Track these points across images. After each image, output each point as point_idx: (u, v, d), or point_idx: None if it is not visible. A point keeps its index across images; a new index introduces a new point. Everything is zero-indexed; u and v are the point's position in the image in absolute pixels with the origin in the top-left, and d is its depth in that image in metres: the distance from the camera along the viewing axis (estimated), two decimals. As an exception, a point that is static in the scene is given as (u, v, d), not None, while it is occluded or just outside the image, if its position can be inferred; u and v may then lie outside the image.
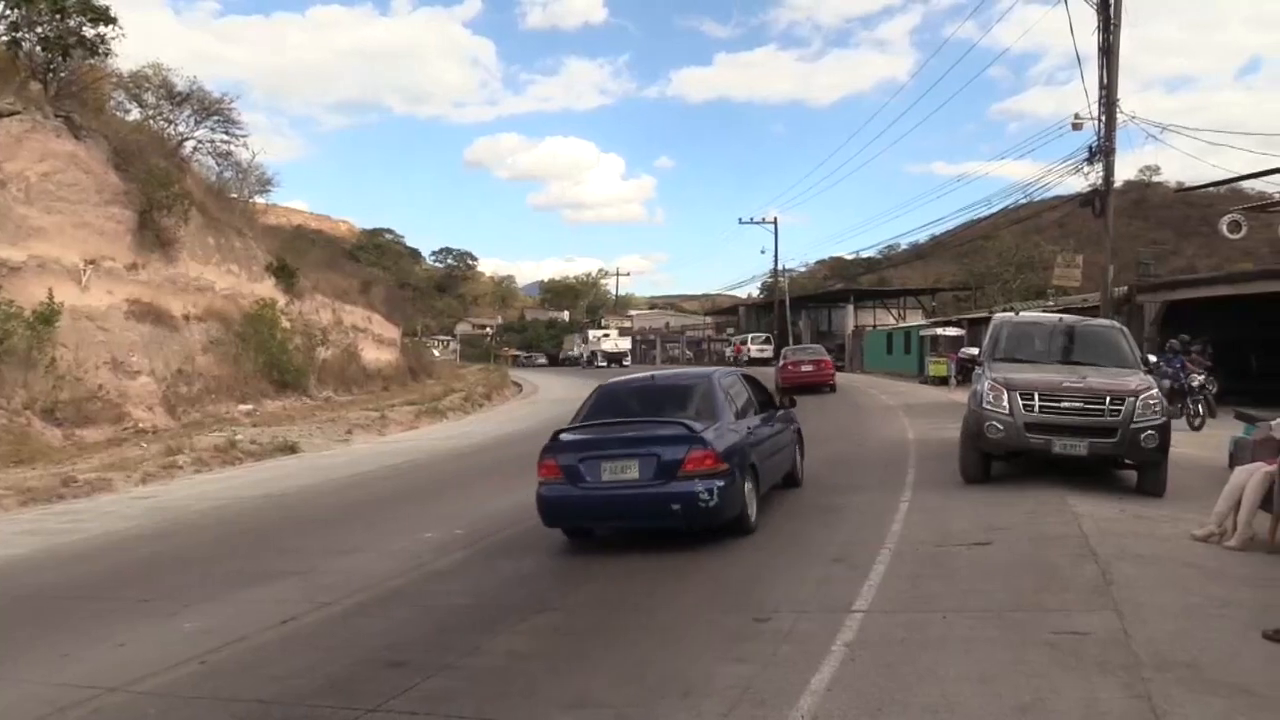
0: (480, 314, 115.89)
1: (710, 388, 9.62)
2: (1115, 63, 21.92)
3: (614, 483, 8.40)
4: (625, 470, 8.40)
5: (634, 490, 8.33)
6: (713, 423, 8.84)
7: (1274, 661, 5.09)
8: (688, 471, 8.18)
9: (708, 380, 9.88)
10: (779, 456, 10.64)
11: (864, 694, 4.75)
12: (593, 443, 8.76)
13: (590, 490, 8.43)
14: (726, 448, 8.55)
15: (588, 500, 8.51)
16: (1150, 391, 10.47)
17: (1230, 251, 49.21)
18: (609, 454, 8.53)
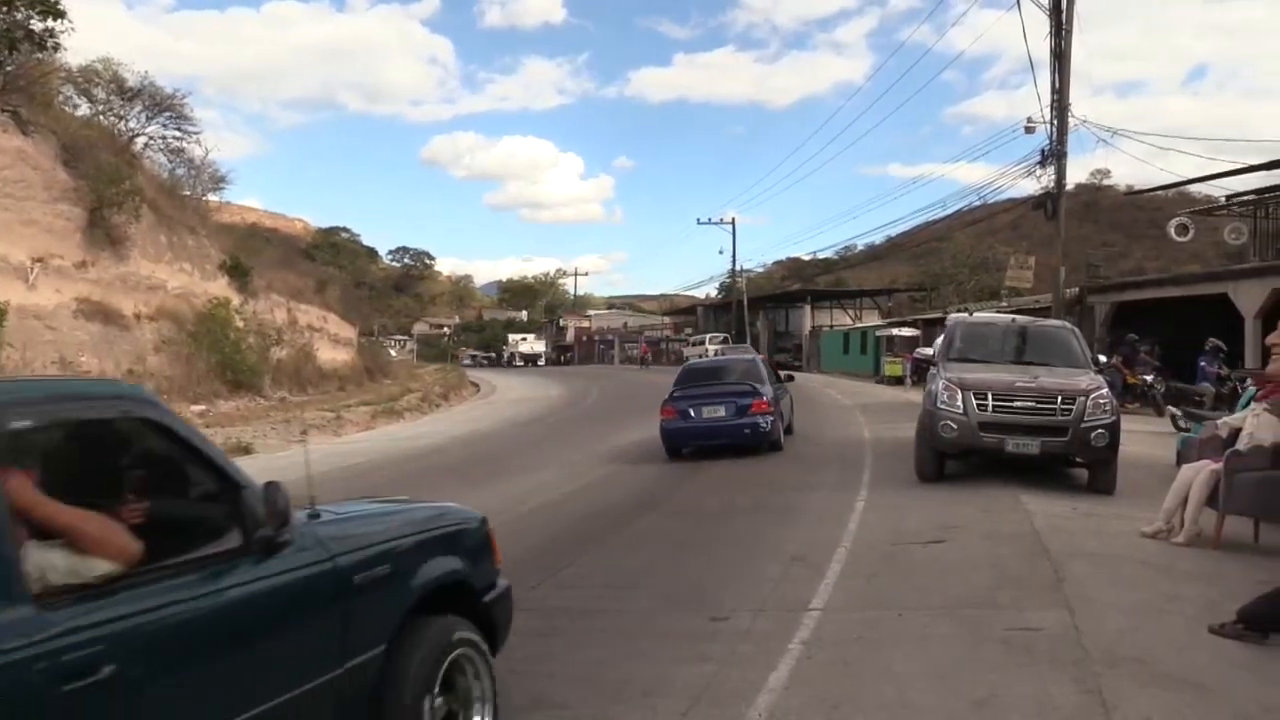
0: (438, 314, 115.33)
1: (757, 365, 16.58)
2: (1067, 67, 22.29)
3: (710, 419, 14.71)
4: (716, 411, 14.73)
5: (722, 423, 14.62)
6: (762, 385, 15.05)
7: (1221, 655, 5.20)
8: (753, 412, 14.50)
9: (754, 361, 17.14)
10: (787, 409, 16.33)
11: (821, 692, 4.79)
12: (694, 396, 15.09)
13: (695, 424, 14.74)
14: (771, 398, 14.94)
15: (695, 429, 14.78)
16: (1100, 391, 10.66)
17: (1178, 254, 50.20)
18: (707, 402, 14.86)
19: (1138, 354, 21.07)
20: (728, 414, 14.54)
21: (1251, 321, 20.31)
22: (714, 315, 73.08)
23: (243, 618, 2.98)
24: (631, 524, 9.77)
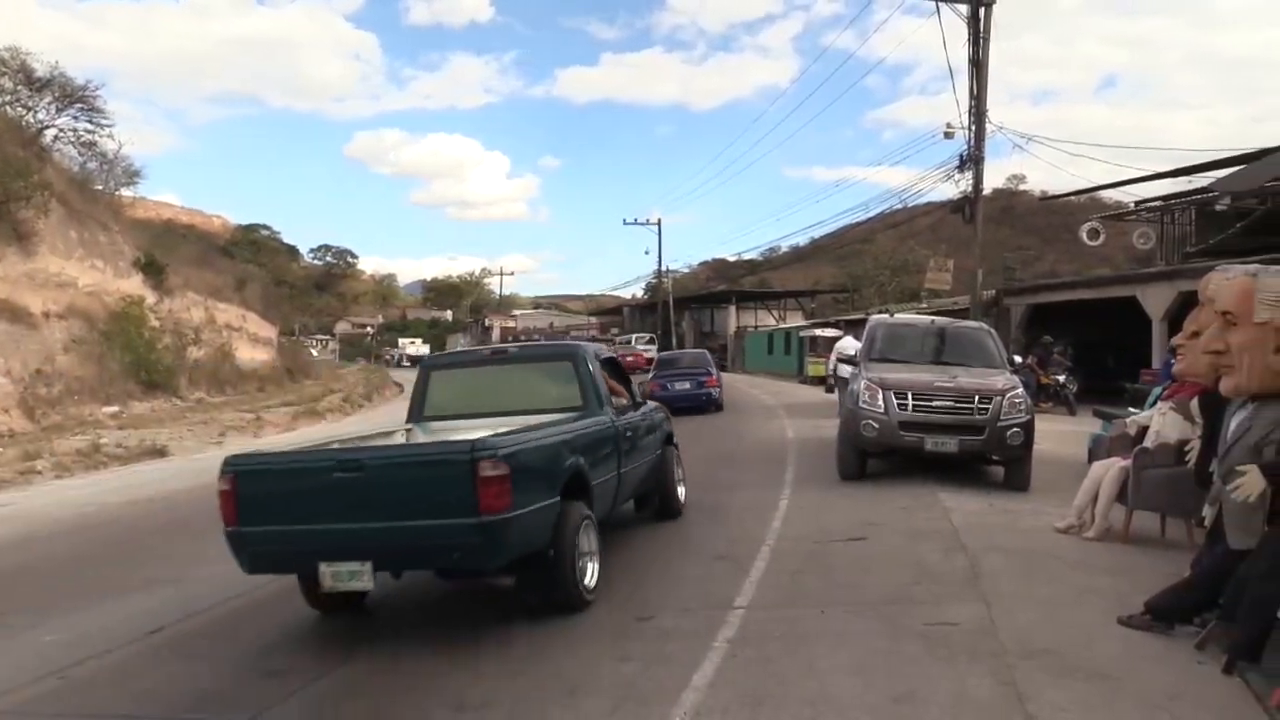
0: (360, 313, 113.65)
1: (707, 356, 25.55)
2: (985, 75, 22.76)
3: (679, 390, 22.71)
4: (684, 385, 23.12)
5: (688, 393, 22.79)
6: (711, 368, 24.11)
7: (1129, 646, 5.37)
8: (707, 385, 23.27)
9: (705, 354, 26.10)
10: None
11: (745, 689, 4.83)
12: (668, 375, 23.78)
13: (670, 393, 21.62)
14: (718, 376, 24.18)
15: (669, 396, 20.83)
16: (1016, 391, 10.91)
17: (1089, 258, 51.63)
18: (677, 379, 23.38)
19: (1051, 355, 21.51)
20: (691, 387, 23.32)
21: (1158, 323, 20.98)
22: (640, 315, 73.33)
23: (644, 424, 9.08)
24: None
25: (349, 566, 5.70)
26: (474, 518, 5.49)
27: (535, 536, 5.97)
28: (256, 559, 6.00)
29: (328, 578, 5.76)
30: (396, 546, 5.73)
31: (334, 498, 5.70)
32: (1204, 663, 5.08)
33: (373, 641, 6.11)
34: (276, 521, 5.88)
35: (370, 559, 5.69)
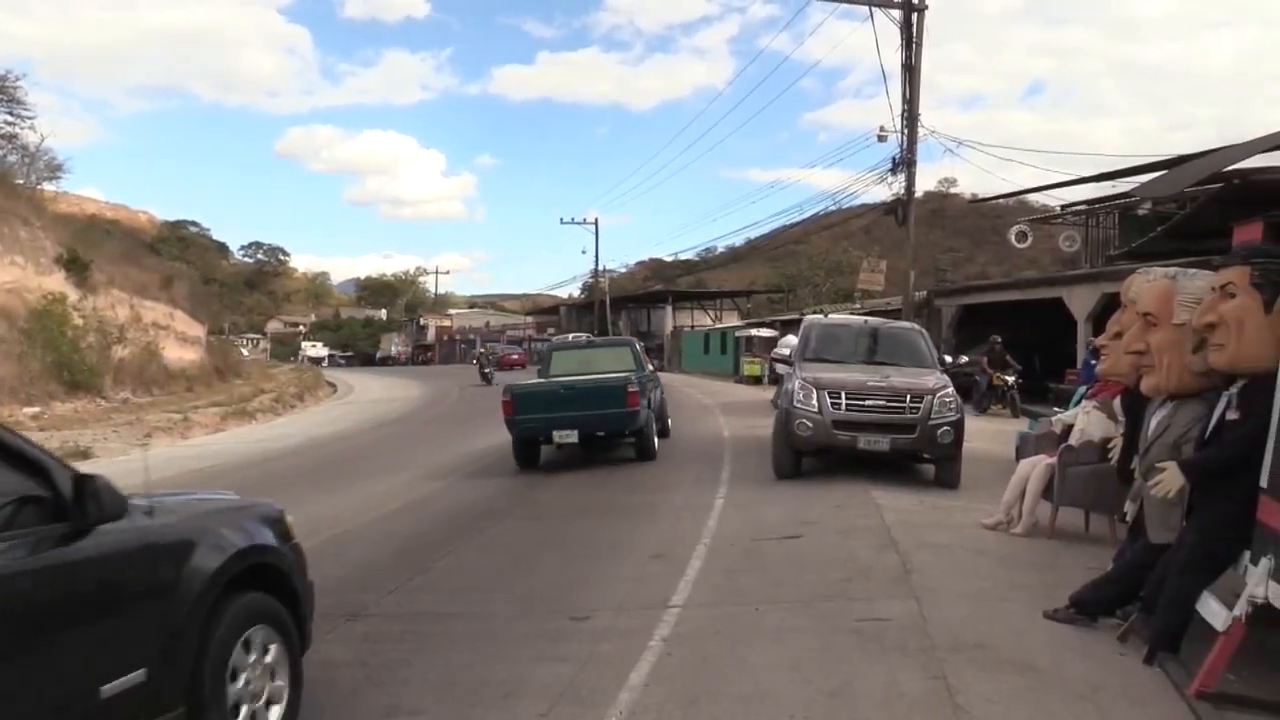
0: (293, 311, 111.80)
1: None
2: (917, 79, 23.13)
3: None
4: None
5: None
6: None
7: (1054, 639, 5.50)
8: None
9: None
10: None
11: (680, 687, 4.85)
12: None
13: None
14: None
15: None
16: (946, 390, 11.10)
17: (1018, 260, 52.63)
18: None
19: (1002, 355, 21.22)
20: None
21: (1083, 324, 21.50)
22: (577, 315, 73.23)
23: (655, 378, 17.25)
24: (491, 526, 9.69)
25: (567, 432, 13.22)
26: (625, 408, 12.98)
27: (644, 419, 13.46)
28: (522, 430, 13.41)
29: (557, 438, 13.38)
30: (589, 422, 13.21)
31: (560, 402, 13.20)
32: (1126, 654, 5.22)
33: (314, 647, 6.01)
34: (533, 412, 13.25)
35: (577, 429, 13.22)
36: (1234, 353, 4.80)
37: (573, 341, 21.96)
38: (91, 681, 3.29)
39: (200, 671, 3.67)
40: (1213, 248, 6.63)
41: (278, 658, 4.17)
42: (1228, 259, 5.16)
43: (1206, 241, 7.32)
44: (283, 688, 4.18)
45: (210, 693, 3.69)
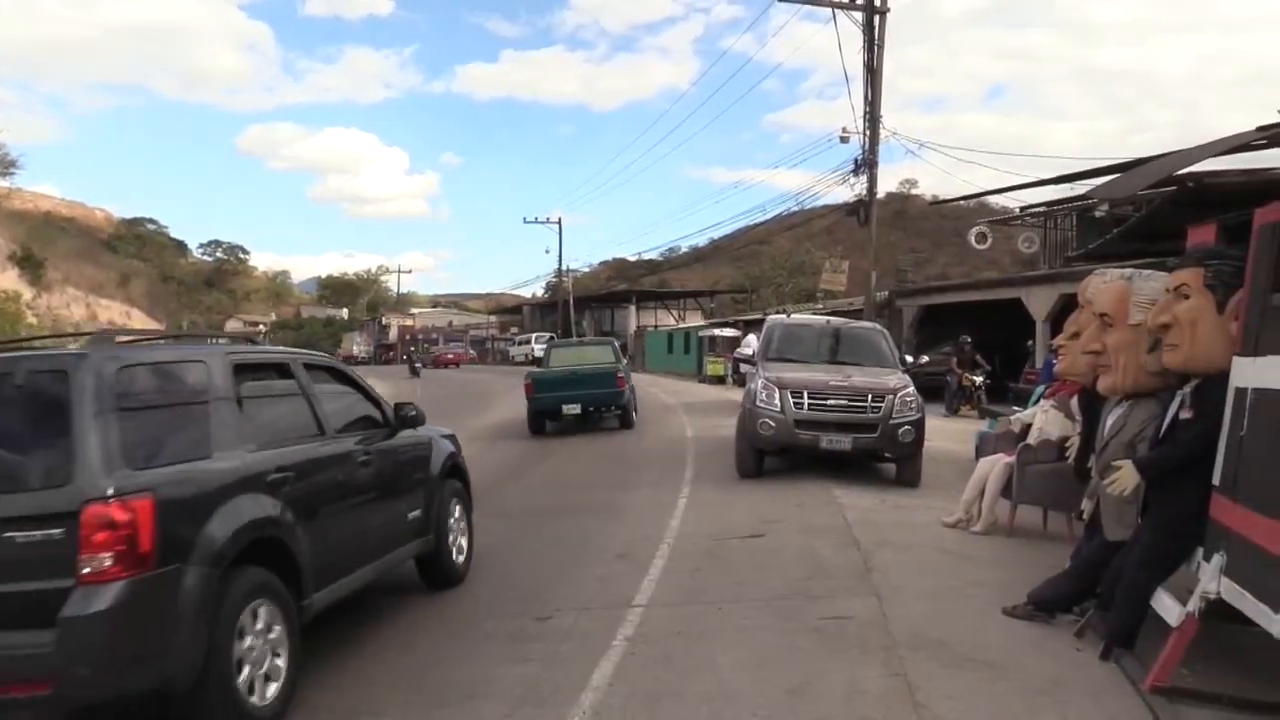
0: (253, 310, 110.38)
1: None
2: (879, 81, 23.29)
3: None
4: None
5: None
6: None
7: (1012, 635, 5.56)
8: None
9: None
10: None
11: (643, 687, 4.86)
12: None
13: None
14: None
15: None
16: (907, 390, 11.19)
17: (978, 260, 53.28)
18: None
19: (972, 355, 21.10)
20: None
21: (1041, 324, 21.75)
22: (540, 315, 73.06)
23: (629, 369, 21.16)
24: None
25: (572, 406, 17.59)
26: (615, 388, 17.71)
27: (627, 397, 18.19)
28: (539, 405, 17.75)
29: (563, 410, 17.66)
30: (589, 399, 17.71)
31: (567, 385, 17.68)
32: (1083, 650, 5.29)
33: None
34: (548, 391, 17.68)
35: (580, 404, 17.64)
36: (1188, 353, 4.88)
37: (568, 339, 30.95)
38: (403, 510, 6.44)
39: (441, 514, 7.00)
40: (1168, 249, 6.73)
41: (462, 514, 7.52)
42: (1182, 261, 5.24)
43: (1162, 243, 7.42)
44: (465, 527, 7.58)
45: (439, 524, 6.93)
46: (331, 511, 5.39)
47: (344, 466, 5.72)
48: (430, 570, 7.04)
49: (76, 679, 3.75)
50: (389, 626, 6.25)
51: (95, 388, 4.08)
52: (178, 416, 4.60)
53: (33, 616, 3.74)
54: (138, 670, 3.94)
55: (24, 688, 3.74)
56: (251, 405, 5.06)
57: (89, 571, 3.78)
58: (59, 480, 3.88)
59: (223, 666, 4.21)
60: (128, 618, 3.83)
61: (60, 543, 3.79)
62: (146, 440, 4.25)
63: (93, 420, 4.00)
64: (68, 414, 3.99)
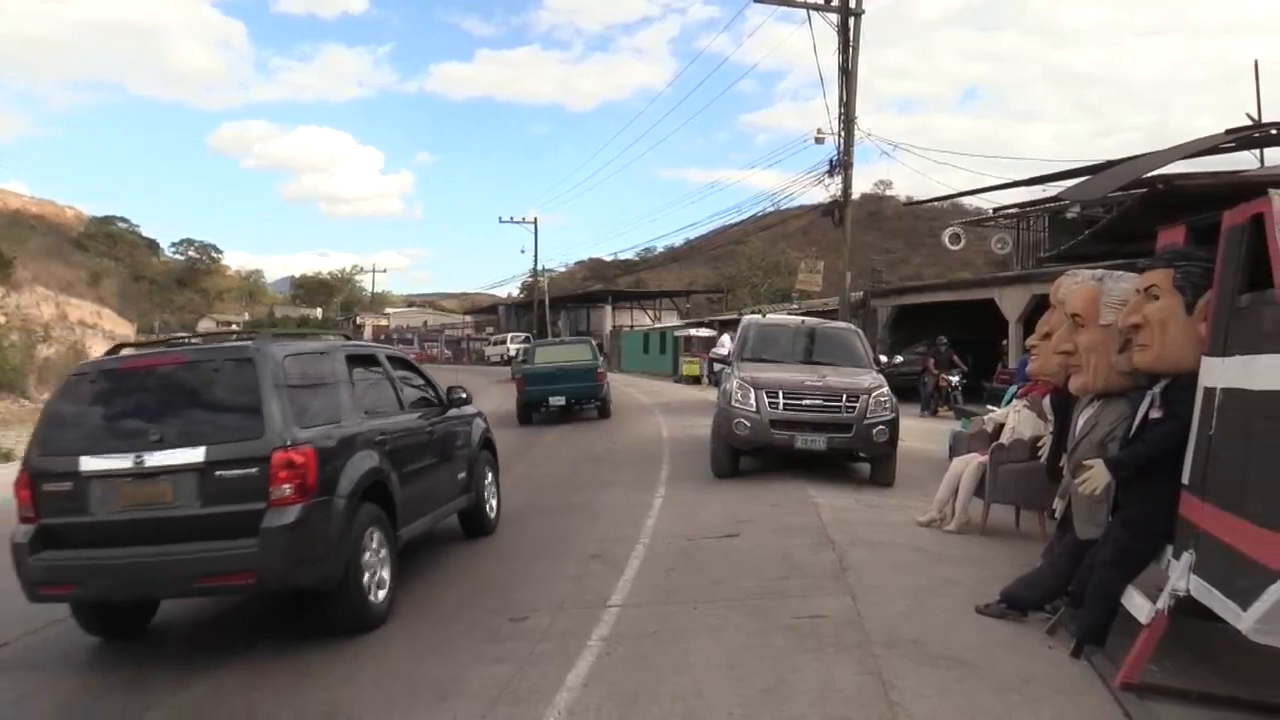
0: (225, 310, 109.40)
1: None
2: (854, 83, 23.32)
3: None
4: None
5: None
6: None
7: (985, 633, 5.60)
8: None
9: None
10: None
11: (619, 687, 4.86)
12: None
13: None
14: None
15: None
16: (881, 390, 11.24)
17: (951, 261, 53.51)
18: None
19: (949, 357, 21.01)
20: None
21: (1014, 325, 21.93)
22: (516, 314, 72.86)
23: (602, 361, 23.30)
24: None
25: (558, 398, 20.15)
26: (595, 382, 20.54)
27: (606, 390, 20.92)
28: (529, 397, 20.17)
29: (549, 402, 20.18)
30: (572, 391, 20.27)
31: (554, 379, 20.19)
32: (1054, 647, 5.34)
33: (244, 650, 5.92)
34: (536, 385, 20.19)
35: (564, 396, 20.17)
36: (1157, 353, 4.93)
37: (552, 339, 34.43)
38: (454, 473, 8.11)
39: (479, 477, 8.71)
40: (1139, 251, 6.78)
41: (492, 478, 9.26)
42: (1152, 262, 5.30)
43: (1133, 245, 7.47)
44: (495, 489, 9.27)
45: (478, 484, 8.67)
46: (411, 469, 7.05)
47: (417, 435, 7.45)
48: (470, 522, 8.81)
49: (270, 573, 5.42)
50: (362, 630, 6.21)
51: (272, 369, 5.76)
52: (318, 392, 6.20)
53: (240, 530, 5.39)
54: (308, 569, 5.59)
55: (237, 578, 5.47)
56: (360, 386, 6.82)
57: (277, 498, 5.44)
58: (254, 435, 5.52)
59: (356, 572, 5.91)
60: (302, 531, 5.47)
61: (256, 478, 5.45)
62: (302, 408, 5.83)
63: (273, 392, 5.65)
64: (256, 388, 5.63)
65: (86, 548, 5.54)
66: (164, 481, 5.52)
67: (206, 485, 5.48)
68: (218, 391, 5.73)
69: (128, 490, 5.54)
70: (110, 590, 5.61)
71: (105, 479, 5.51)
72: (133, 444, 5.53)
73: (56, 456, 5.66)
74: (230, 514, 5.44)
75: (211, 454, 5.47)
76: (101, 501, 5.54)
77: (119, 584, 5.54)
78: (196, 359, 5.93)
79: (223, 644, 6.07)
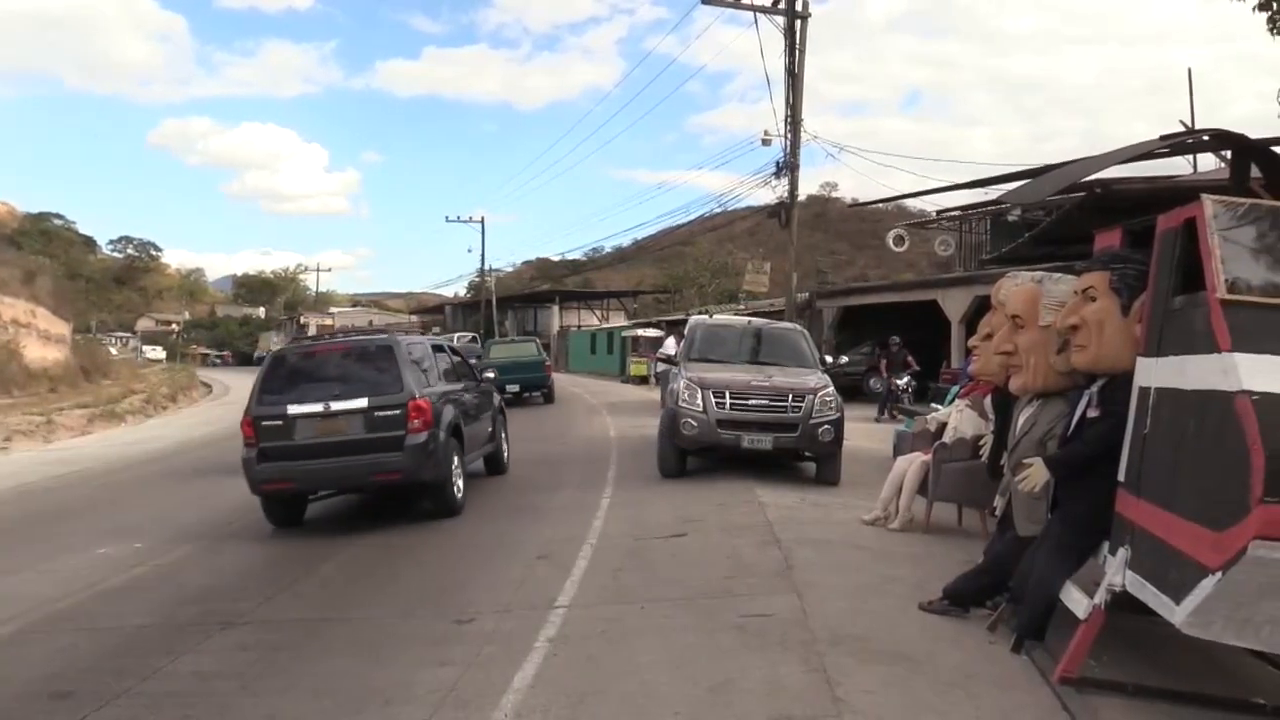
0: (165, 309, 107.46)
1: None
2: (800, 85, 23.52)
3: None
4: None
5: None
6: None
7: (928, 629, 5.67)
8: None
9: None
10: None
11: (566, 688, 4.85)
12: None
13: None
14: None
15: None
16: (827, 389, 11.34)
17: (896, 263, 54.17)
18: None
19: (901, 357, 20.63)
20: None
21: (957, 325, 22.25)
22: (463, 314, 72.40)
23: None
24: (374, 529, 9.51)
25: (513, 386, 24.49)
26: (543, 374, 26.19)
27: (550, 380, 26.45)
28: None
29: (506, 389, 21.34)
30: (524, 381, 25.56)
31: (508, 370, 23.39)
32: (995, 642, 5.42)
33: (175, 659, 5.81)
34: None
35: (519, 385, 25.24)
36: (1095, 353, 5.03)
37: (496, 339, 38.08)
38: (485, 427, 11.92)
39: (499, 430, 12.69)
40: (1078, 253, 6.92)
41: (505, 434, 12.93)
42: (1089, 264, 5.40)
43: (1072, 247, 7.65)
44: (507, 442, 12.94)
45: (497, 436, 12.53)
46: (468, 419, 10.77)
47: (468, 399, 11.19)
48: (492, 464, 12.51)
49: (409, 472, 9.16)
50: (299, 633, 6.14)
51: (404, 352, 9.51)
52: (422, 366, 9.91)
53: (391, 447, 9.06)
54: (429, 470, 9.31)
55: (392, 475, 9.18)
56: (439, 364, 10.69)
57: (412, 428, 9.11)
58: (396, 390, 9.15)
59: (449, 478, 9.72)
60: (427, 448, 9.20)
61: (399, 417, 9.08)
62: (417, 376, 9.48)
63: (405, 365, 9.36)
64: (395, 363, 9.31)
65: (293, 460, 9.10)
66: (342, 419, 9.15)
67: (369, 421, 9.12)
68: (371, 365, 9.44)
69: (319, 425, 9.13)
70: (314, 485, 9.49)
71: (305, 418, 9.08)
72: (320, 397, 9.12)
73: (269, 406, 9.23)
74: (384, 438, 9.11)
75: (371, 402, 9.12)
76: (302, 432, 9.13)
77: (321, 481, 9.40)
78: (356, 346, 9.96)
79: (169, 656, 5.94)
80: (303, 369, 9.57)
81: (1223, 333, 3.86)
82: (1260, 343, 3.77)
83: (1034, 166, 7.02)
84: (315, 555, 8.38)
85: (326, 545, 8.74)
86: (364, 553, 8.45)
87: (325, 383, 9.23)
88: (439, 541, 8.73)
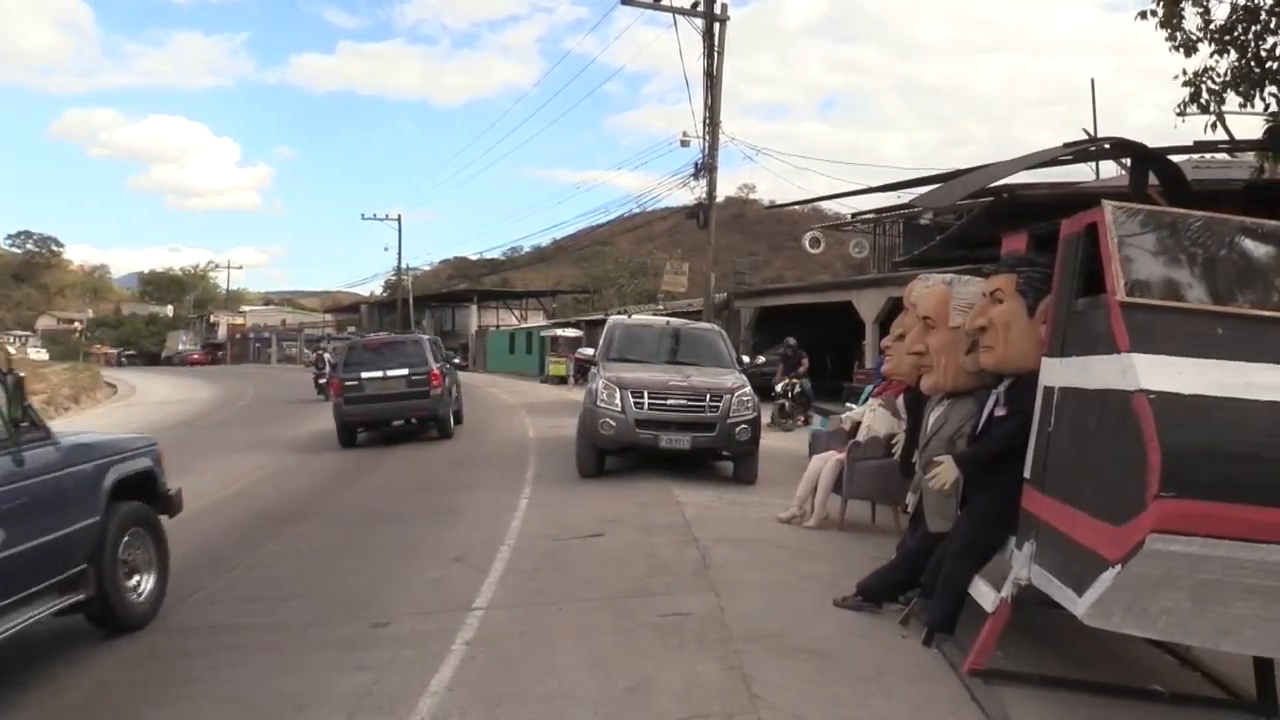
0: (68, 306, 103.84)
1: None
2: (719, 88, 23.71)
3: None
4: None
5: None
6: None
7: (843, 625, 5.78)
8: None
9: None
10: None
11: (484, 690, 4.81)
12: None
13: None
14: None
15: None
16: (744, 389, 11.44)
17: (812, 264, 55.01)
18: None
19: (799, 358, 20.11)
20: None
21: (871, 326, 22.67)
22: (379, 313, 71.49)
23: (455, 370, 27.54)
24: (285, 531, 9.31)
25: None
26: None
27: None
28: None
29: None
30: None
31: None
32: (907, 637, 5.54)
33: (78, 669, 5.62)
34: None
35: None
36: (1002, 354, 5.17)
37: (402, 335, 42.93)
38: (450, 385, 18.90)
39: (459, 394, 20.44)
40: (987, 256, 7.10)
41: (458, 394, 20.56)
42: (997, 267, 5.55)
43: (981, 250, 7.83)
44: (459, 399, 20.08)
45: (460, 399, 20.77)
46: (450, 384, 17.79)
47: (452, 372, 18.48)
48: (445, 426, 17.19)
49: (432, 410, 16.76)
50: (208, 640, 5.98)
51: (426, 344, 17.64)
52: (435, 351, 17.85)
53: (422, 396, 16.55)
54: (443, 409, 17.01)
55: (422, 412, 16.86)
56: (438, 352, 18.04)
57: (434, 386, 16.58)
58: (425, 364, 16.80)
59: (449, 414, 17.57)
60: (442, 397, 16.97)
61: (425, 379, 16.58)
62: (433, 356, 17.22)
63: (429, 350, 17.32)
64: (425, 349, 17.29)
65: (365, 404, 16.19)
66: (393, 380, 16.26)
67: (409, 381, 16.30)
68: (408, 350, 16.95)
69: (380, 384, 16.19)
70: (376, 419, 16.81)
71: (371, 380, 16.09)
72: (380, 366, 16.33)
73: (349, 374, 16.22)
74: (418, 391, 16.30)
75: (410, 372, 16.27)
76: (370, 388, 16.14)
77: (382, 417, 16.69)
78: (399, 340, 18.23)
79: (68, 669, 5.73)
80: (368, 353, 17.07)
81: (1122, 334, 3.99)
82: (1158, 343, 3.91)
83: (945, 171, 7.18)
84: (224, 560, 8.15)
85: (236, 549, 8.52)
86: (273, 558, 8.26)
87: (381, 359, 16.64)
88: (354, 544, 8.59)
